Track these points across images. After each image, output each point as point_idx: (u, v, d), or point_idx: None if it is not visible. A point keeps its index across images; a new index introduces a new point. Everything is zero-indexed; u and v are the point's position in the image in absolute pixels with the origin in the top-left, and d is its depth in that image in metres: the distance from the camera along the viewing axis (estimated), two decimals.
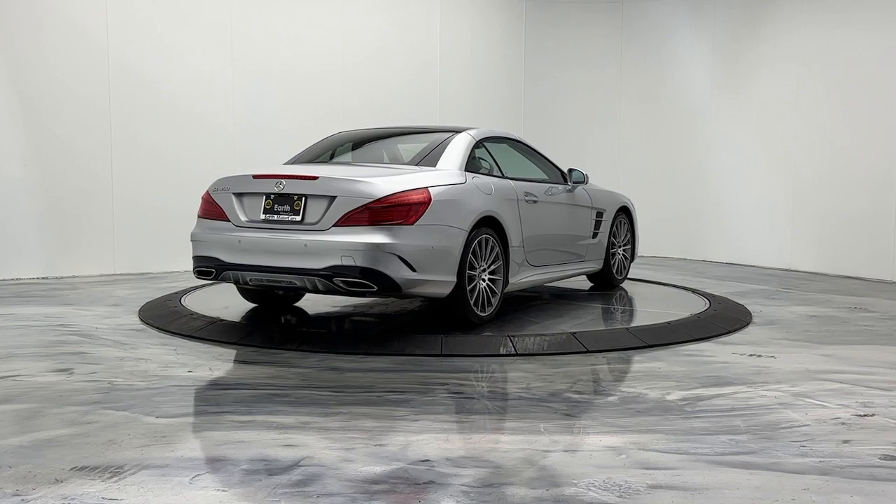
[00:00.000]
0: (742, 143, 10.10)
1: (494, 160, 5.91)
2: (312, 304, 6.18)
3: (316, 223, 4.86)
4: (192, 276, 5.45)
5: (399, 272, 4.70)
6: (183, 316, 5.62)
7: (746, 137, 10.04)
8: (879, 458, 2.93)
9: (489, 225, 5.30)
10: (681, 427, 3.30)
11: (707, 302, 6.43)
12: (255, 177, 5.16)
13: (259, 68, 9.15)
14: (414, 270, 4.75)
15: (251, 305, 5.98)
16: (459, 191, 5.16)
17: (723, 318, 5.79)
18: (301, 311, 5.93)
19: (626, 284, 7.72)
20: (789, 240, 9.48)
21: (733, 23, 10.20)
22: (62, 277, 8.07)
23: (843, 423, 3.36)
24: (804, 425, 3.33)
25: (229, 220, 5.16)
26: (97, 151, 8.32)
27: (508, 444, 3.07)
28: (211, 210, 5.30)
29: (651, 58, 11.02)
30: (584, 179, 6.67)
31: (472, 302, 5.15)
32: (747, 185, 10.04)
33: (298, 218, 4.92)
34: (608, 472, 2.77)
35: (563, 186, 6.51)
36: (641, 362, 4.55)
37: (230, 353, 4.72)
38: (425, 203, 4.85)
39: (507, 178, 5.81)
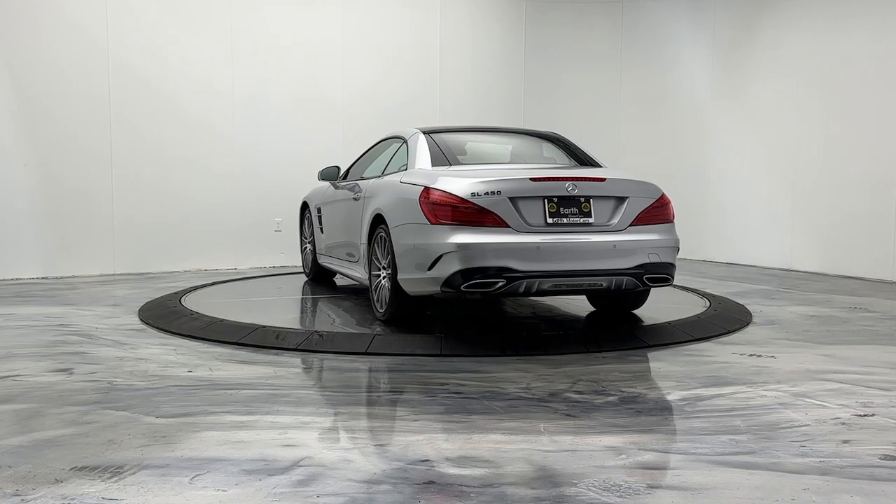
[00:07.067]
0: (742, 143, 10.09)
1: None
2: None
3: (608, 223, 4.96)
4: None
5: (676, 265, 5.20)
6: (183, 316, 5.61)
7: (746, 137, 10.04)
8: (879, 458, 2.92)
9: None
10: (681, 427, 3.30)
11: (707, 302, 6.43)
12: (532, 179, 4.88)
13: (258, 68, 9.16)
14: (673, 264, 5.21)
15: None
16: None
17: (723, 318, 5.78)
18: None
19: None
20: (789, 240, 9.48)
21: (733, 23, 10.20)
22: (62, 277, 8.07)
23: (843, 423, 3.36)
24: (804, 425, 3.33)
25: (509, 226, 4.74)
26: (97, 151, 8.32)
27: (508, 444, 3.07)
28: (473, 216, 4.73)
29: (651, 58, 11.02)
30: None
31: None
32: (747, 185, 10.04)
33: (591, 220, 4.93)
34: (608, 472, 2.77)
35: None
36: (641, 362, 4.54)
37: (230, 353, 4.72)
38: None
39: None
